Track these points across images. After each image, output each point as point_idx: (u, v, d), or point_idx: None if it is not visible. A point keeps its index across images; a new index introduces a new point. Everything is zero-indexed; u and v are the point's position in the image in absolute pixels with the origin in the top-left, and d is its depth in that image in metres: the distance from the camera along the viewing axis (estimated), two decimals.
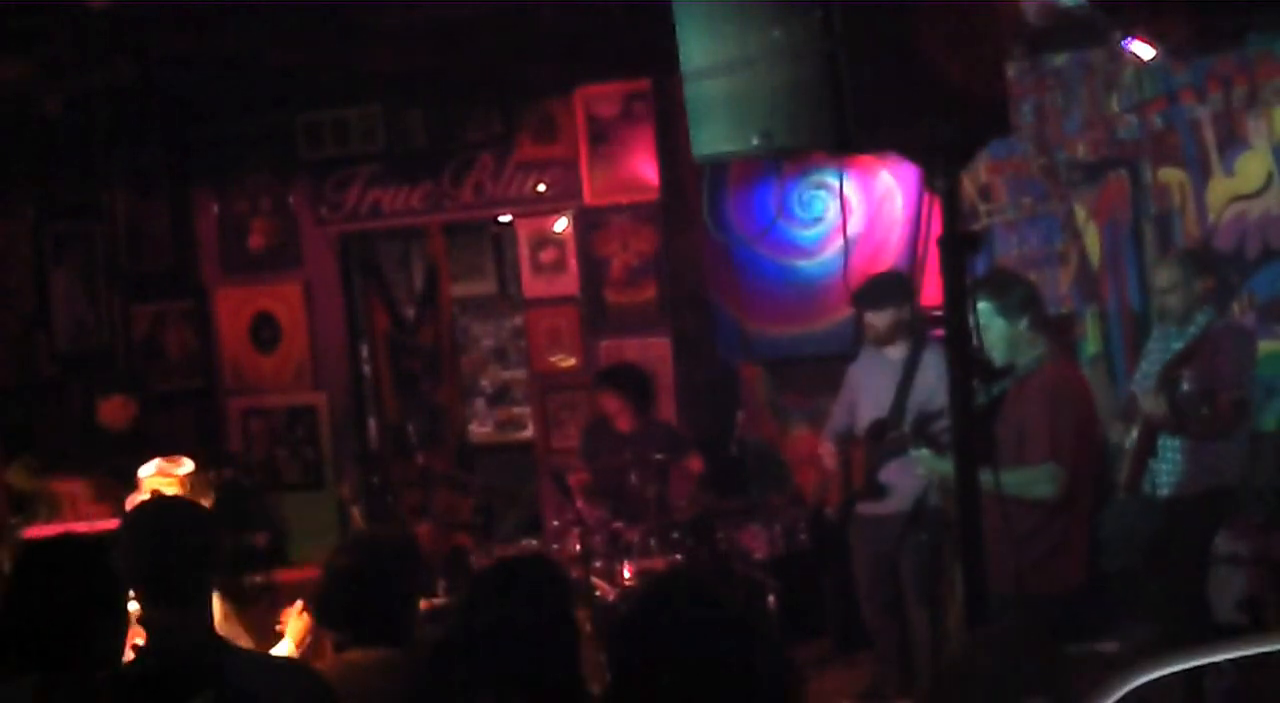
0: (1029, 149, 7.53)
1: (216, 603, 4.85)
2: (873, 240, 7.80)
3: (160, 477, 5.30)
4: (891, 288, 6.66)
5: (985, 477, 5.02)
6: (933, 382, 6.03)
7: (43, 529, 7.13)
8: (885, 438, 6.31)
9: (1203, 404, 5.97)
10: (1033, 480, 5.15)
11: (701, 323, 8.38)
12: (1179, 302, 6.15)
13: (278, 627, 4.94)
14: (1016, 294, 5.39)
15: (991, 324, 5.27)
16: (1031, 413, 5.26)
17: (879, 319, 6.52)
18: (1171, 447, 6.06)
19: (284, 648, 4.81)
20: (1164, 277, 6.27)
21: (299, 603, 5.00)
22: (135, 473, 5.46)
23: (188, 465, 5.41)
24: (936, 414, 5.82)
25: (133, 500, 5.19)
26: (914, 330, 6.50)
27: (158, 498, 4.50)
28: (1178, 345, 6.09)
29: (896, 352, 6.49)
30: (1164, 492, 6.11)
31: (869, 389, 6.57)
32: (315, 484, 9.09)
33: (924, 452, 5.70)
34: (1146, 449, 6.06)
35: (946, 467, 5.46)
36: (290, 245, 9.10)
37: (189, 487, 5.30)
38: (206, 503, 5.31)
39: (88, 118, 8.05)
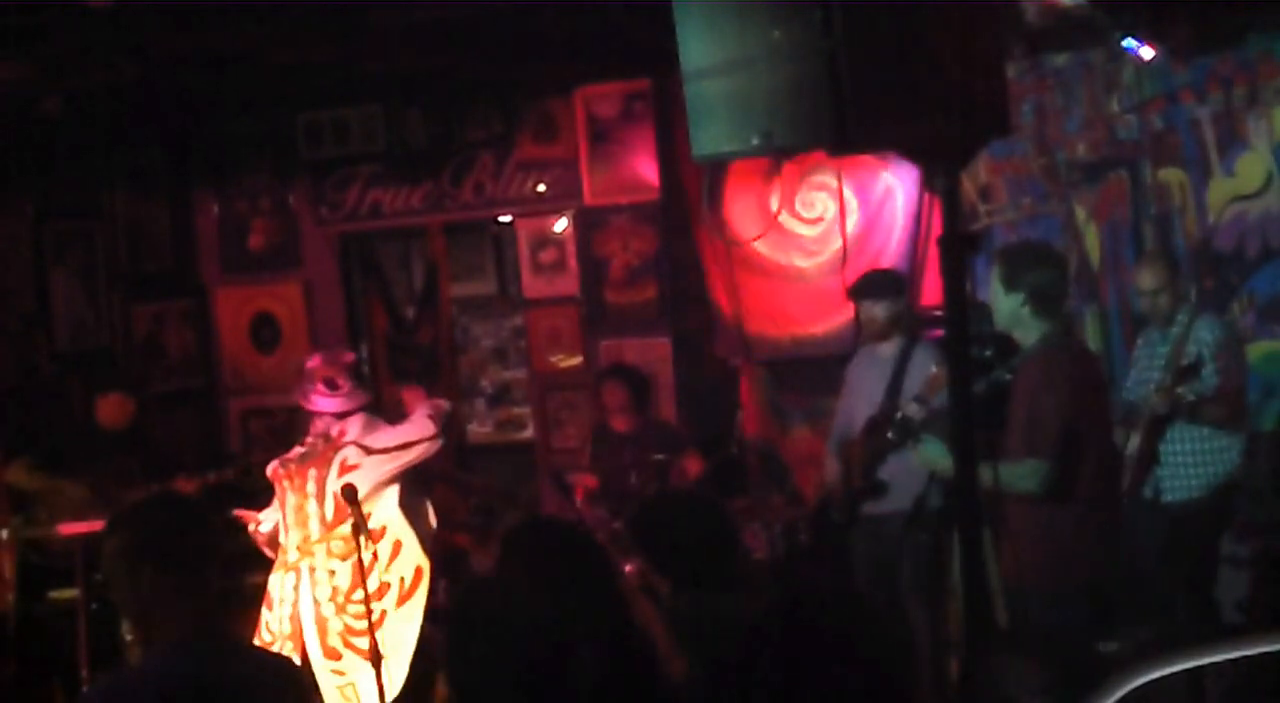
0: (1029, 149, 7.52)
1: None
2: (873, 240, 7.80)
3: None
4: (887, 282, 6.73)
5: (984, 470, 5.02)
6: (923, 378, 6.08)
7: (42, 530, 7.15)
8: (879, 434, 6.33)
9: (1208, 397, 6.00)
10: (1017, 475, 4.93)
11: (701, 323, 8.37)
12: (1168, 301, 6.19)
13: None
14: (1022, 268, 5.09)
15: (995, 293, 5.10)
16: (1020, 401, 5.02)
17: (876, 311, 6.55)
18: (1173, 452, 6.09)
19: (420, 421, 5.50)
20: (1148, 279, 6.29)
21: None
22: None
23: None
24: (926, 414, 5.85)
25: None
26: (908, 327, 6.55)
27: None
28: (1164, 349, 6.14)
29: (889, 348, 6.53)
30: (1167, 497, 6.13)
31: (863, 387, 6.62)
32: None
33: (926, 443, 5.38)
34: (1151, 455, 6.08)
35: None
36: (290, 245, 9.10)
37: None
38: None
39: (88, 118, 8.05)
